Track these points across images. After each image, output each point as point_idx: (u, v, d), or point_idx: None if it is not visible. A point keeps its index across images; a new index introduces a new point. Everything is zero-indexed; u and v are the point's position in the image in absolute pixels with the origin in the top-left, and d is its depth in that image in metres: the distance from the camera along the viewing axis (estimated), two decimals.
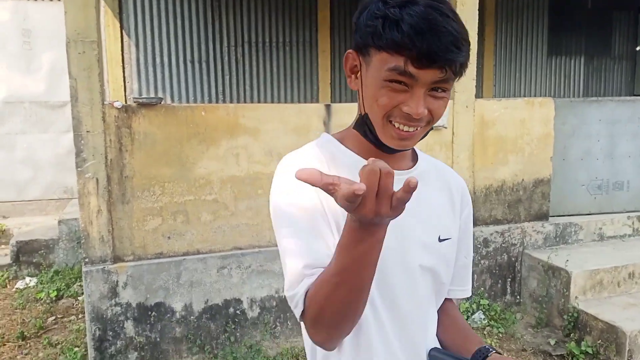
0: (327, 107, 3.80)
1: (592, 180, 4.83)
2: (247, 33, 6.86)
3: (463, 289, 1.27)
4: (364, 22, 1.01)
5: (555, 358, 3.75)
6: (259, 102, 6.94)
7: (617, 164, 4.86)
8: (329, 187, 0.77)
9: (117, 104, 3.30)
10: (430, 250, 1.13)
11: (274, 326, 3.74)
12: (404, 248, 1.10)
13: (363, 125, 1.08)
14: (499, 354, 1.11)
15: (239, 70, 6.91)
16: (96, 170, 3.27)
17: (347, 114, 3.82)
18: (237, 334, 3.66)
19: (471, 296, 3.93)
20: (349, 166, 1.08)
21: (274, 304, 3.74)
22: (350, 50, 1.07)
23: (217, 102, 6.79)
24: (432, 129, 1.09)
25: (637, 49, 8.27)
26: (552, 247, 4.52)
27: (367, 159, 0.85)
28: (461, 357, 1.13)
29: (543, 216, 4.56)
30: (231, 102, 6.85)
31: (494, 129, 4.28)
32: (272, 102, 6.98)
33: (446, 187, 1.22)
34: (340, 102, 7.05)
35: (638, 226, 4.83)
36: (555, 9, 7.81)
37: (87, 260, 3.33)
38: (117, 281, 3.38)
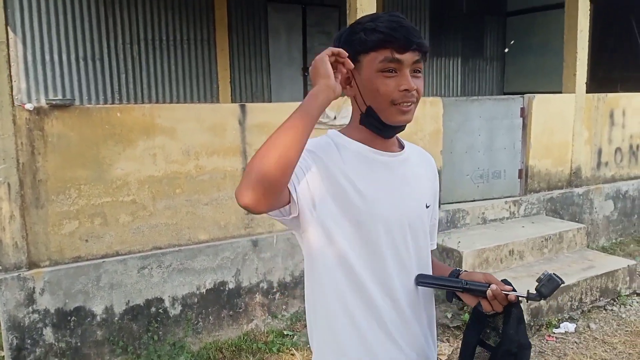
0: (242, 107, 3.94)
1: (475, 170, 5.41)
2: (143, 30, 6.76)
3: (433, 243, 1.61)
4: (346, 41, 1.35)
5: (453, 329, 4.21)
6: (157, 101, 6.86)
7: (495, 155, 5.48)
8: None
9: (29, 106, 3.21)
10: (420, 214, 1.46)
11: (196, 322, 3.83)
12: (401, 211, 1.41)
13: (369, 117, 1.37)
14: (467, 271, 1.47)
15: (135, 69, 6.79)
16: (7, 175, 3.16)
17: (262, 113, 3.99)
18: (160, 333, 3.70)
19: None
20: (354, 152, 1.38)
21: (196, 300, 3.82)
22: None
23: (113, 101, 6.63)
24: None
25: (506, 50, 9.23)
26: (445, 232, 5.02)
27: (369, 146, 1.38)
28: (440, 277, 1.48)
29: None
30: (127, 101, 6.71)
31: None
32: (171, 101, 6.94)
33: (424, 164, 1.56)
34: (240, 101, 7.17)
35: (514, 209, 5.49)
36: (435, 13, 8.51)
37: (0, 267, 3.21)
38: (34, 287, 3.29)
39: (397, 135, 1.51)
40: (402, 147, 1.51)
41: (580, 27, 5.64)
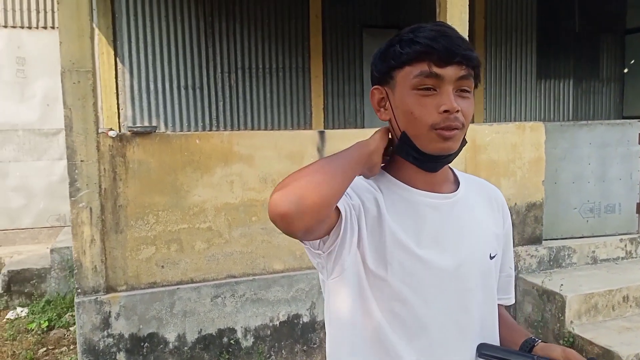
0: (321, 133, 3.82)
1: (584, 203, 4.86)
2: (241, 59, 6.93)
3: (509, 297, 1.36)
4: (381, 55, 1.16)
5: None
6: (252, 128, 6.97)
7: (608, 186, 4.90)
8: None
9: (112, 133, 3.31)
10: (484, 269, 1.21)
11: (268, 355, 3.71)
12: (457, 266, 1.16)
13: (403, 145, 1.16)
14: (545, 343, 1.18)
15: (232, 96, 6.96)
16: (90, 200, 3.27)
17: (340, 140, 3.84)
18: None
19: None
20: (397, 194, 1.18)
21: (269, 332, 3.71)
22: (373, 87, 1.20)
23: (211, 128, 6.82)
24: (465, 142, 1.17)
25: (625, 71, 8.40)
26: (546, 271, 4.53)
27: (416, 187, 1.17)
28: (508, 349, 1.20)
29: (536, 240, 4.58)
30: (225, 128, 6.88)
31: (486, 153, 4.32)
32: (266, 127, 7.02)
33: (488, 202, 1.29)
34: (333, 127, 7.10)
35: (630, 249, 4.85)
36: (543, 32, 7.96)
37: (79, 290, 3.30)
38: (110, 312, 3.34)
39: (450, 167, 1.27)
40: (457, 182, 1.26)
41: None
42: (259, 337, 3.69)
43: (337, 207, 1.05)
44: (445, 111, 1.08)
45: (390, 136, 1.19)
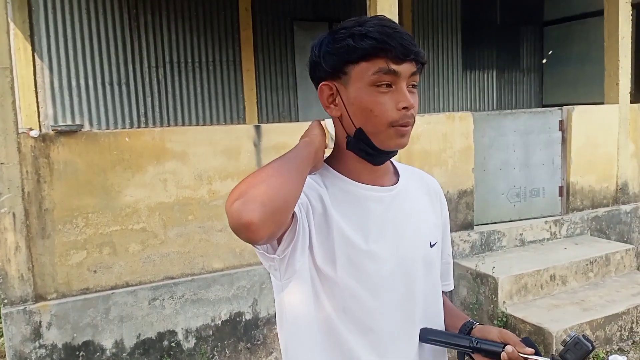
0: (257, 127, 3.77)
1: (511, 188, 5.07)
2: (169, 53, 6.72)
3: (448, 283, 1.39)
4: (329, 50, 1.12)
5: None
6: (183, 124, 6.79)
7: (533, 172, 5.14)
8: None
9: (34, 133, 3.12)
10: (426, 258, 1.23)
11: (211, 355, 3.63)
12: (401, 255, 1.18)
13: (358, 142, 1.15)
14: (482, 325, 1.23)
15: (161, 92, 6.74)
16: (12, 204, 3.07)
17: (277, 134, 3.81)
18: None
19: None
20: (341, 189, 1.17)
21: (211, 332, 3.63)
22: (322, 83, 1.16)
23: (139, 125, 6.59)
24: None
25: (544, 61, 8.84)
26: (479, 255, 4.70)
27: (359, 180, 1.17)
28: (449, 332, 1.25)
29: (468, 225, 4.74)
30: (154, 124, 6.66)
31: (419, 143, 4.42)
32: (198, 123, 6.86)
33: (426, 192, 1.31)
34: (267, 121, 7.04)
35: (555, 230, 5.12)
36: (467, 25, 8.23)
37: (6, 301, 3.10)
38: (41, 321, 3.16)
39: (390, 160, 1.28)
40: (397, 174, 1.27)
41: (622, 34, 5.26)
42: (200, 338, 3.61)
43: None
44: (404, 108, 1.09)
45: (329, 130, 1.19)
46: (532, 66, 8.86)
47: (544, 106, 8.47)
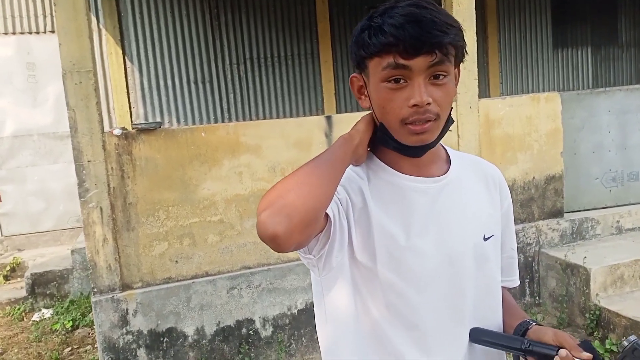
0: (328, 118, 3.76)
1: (606, 172, 4.72)
2: (249, 50, 6.88)
3: (511, 279, 1.31)
4: (355, 41, 1.08)
5: None
6: (264, 118, 6.93)
7: (631, 154, 4.74)
8: None
9: (116, 132, 3.30)
10: (477, 252, 1.15)
11: (288, 344, 3.69)
12: (451, 256, 1.12)
13: (383, 136, 1.11)
14: (540, 325, 1.14)
15: (242, 88, 6.92)
16: (99, 199, 3.27)
17: (349, 124, 3.73)
18: (252, 355, 3.61)
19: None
20: (383, 180, 1.14)
21: (287, 321, 3.69)
22: (352, 75, 1.14)
23: (223, 120, 6.81)
24: (451, 122, 1.11)
25: None
26: (569, 244, 4.41)
27: (403, 172, 1.12)
28: (500, 333, 1.18)
29: (557, 213, 4.46)
30: (237, 119, 6.85)
31: (500, 128, 4.21)
32: (278, 117, 6.98)
33: (484, 182, 1.23)
34: (346, 112, 7.02)
35: None
36: (558, 0, 7.72)
37: (95, 290, 3.33)
38: (127, 309, 3.36)
39: (443, 145, 1.21)
40: (449, 162, 1.20)
41: None
42: (277, 327, 3.67)
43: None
44: (415, 105, 1.02)
45: (375, 122, 1.15)
46: (631, 40, 8.16)
47: None
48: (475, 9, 3.91)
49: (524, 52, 7.77)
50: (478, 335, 1.13)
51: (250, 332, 3.61)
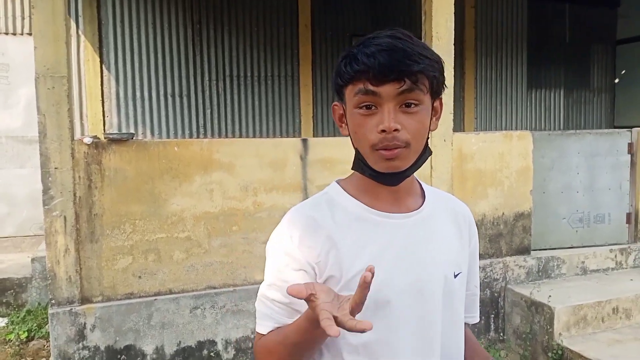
0: (304, 141, 3.75)
1: (573, 213, 4.80)
2: (229, 67, 6.87)
3: (473, 316, 1.32)
4: (334, 71, 1.12)
5: None
6: (240, 136, 6.90)
7: (598, 196, 4.84)
8: (310, 298, 0.89)
9: (87, 140, 3.23)
10: (447, 289, 1.15)
11: None
12: (422, 291, 1.11)
13: (358, 162, 1.12)
14: None
15: (220, 104, 6.89)
16: (64, 208, 3.18)
17: (324, 148, 3.77)
18: None
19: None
20: (348, 211, 1.13)
21: (250, 345, 3.61)
22: (334, 103, 1.17)
23: (198, 136, 6.75)
24: (429, 153, 1.13)
25: (616, 81, 8.39)
26: (535, 282, 4.45)
27: (364, 202, 1.12)
28: None
29: (525, 250, 4.51)
30: (212, 136, 6.80)
31: (473, 162, 4.26)
32: (254, 136, 6.95)
33: (454, 219, 1.24)
34: (323, 135, 7.04)
35: (621, 259, 4.79)
36: (534, 42, 7.95)
37: (53, 301, 3.21)
38: (85, 323, 3.24)
39: (417, 179, 1.21)
40: (423, 196, 1.20)
41: None
42: (240, 350, 3.59)
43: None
44: (383, 131, 1.03)
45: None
46: (603, 86, 8.43)
47: (615, 128, 8.02)
48: (454, 44, 3.98)
49: (499, 89, 7.95)
50: None
51: (212, 354, 3.52)
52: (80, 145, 3.22)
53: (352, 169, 1.16)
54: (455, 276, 1.17)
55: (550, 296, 4.05)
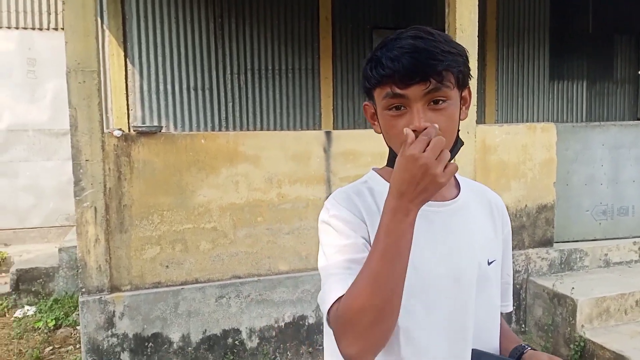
0: (327, 133, 3.79)
1: (597, 205, 4.77)
2: (250, 60, 6.92)
3: (506, 304, 1.34)
4: (362, 73, 1.16)
5: None
6: (261, 129, 6.95)
7: (622, 189, 4.80)
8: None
9: (117, 133, 3.30)
10: (481, 275, 1.18)
11: (273, 357, 3.67)
12: (458, 277, 1.15)
13: (392, 159, 1.14)
14: (534, 350, 1.20)
15: (242, 98, 6.94)
16: (94, 199, 3.26)
17: (347, 140, 3.81)
18: None
19: None
20: (384, 195, 1.12)
21: (273, 334, 3.67)
22: (365, 103, 1.22)
23: (220, 129, 6.82)
24: (460, 144, 1.16)
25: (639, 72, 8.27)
26: (557, 274, 4.45)
27: None
28: (499, 356, 1.22)
29: (547, 242, 4.50)
30: (234, 129, 6.87)
31: (496, 154, 4.26)
32: (275, 128, 7.00)
33: (488, 208, 1.28)
34: (343, 128, 7.06)
35: None
36: (556, 33, 7.86)
37: (83, 290, 3.30)
38: (114, 311, 3.33)
39: None
40: (458, 187, 1.24)
41: None
42: (264, 338, 3.66)
43: None
44: (414, 130, 1.04)
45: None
46: (626, 77, 8.31)
47: (638, 119, 7.91)
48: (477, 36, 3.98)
49: (520, 81, 7.88)
50: (478, 357, 1.15)
51: (236, 342, 3.59)
52: (110, 138, 3.30)
53: (386, 165, 1.20)
54: (490, 263, 1.20)
55: (573, 288, 4.05)
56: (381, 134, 1.19)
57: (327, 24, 6.95)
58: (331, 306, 1.03)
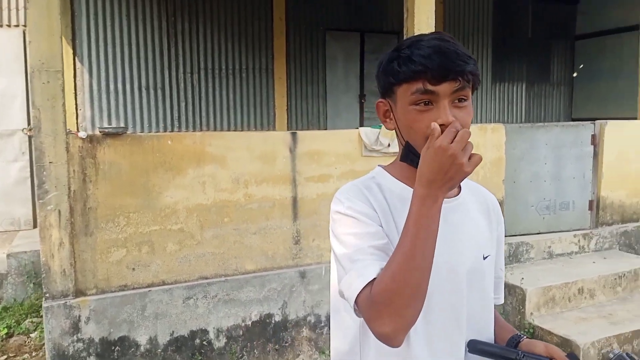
0: (293, 134, 3.86)
1: (541, 201, 5.07)
2: (204, 59, 6.88)
3: (498, 297, 1.43)
4: (383, 70, 1.22)
5: None
6: (215, 128, 6.93)
7: (563, 185, 5.13)
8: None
9: (82, 134, 3.25)
10: (476, 269, 1.28)
11: (240, 355, 3.71)
12: (453, 265, 1.23)
13: (408, 154, 1.22)
14: (530, 339, 1.29)
15: (195, 97, 6.90)
16: (58, 202, 3.20)
17: (312, 141, 3.89)
18: None
19: None
20: (399, 195, 1.24)
21: (241, 333, 3.71)
22: (378, 100, 1.26)
23: (172, 129, 6.74)
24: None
25: (574, 75, 8.79)
26: (507, 266, 4.70)
27: (412, 187, 1.10)
28: (496, 345, 1.29)
29: None
30: (187, 129, 6.81)
31: None
32: (229, 128, 6.99)
33: (484, 206, 1.37)
34: (297, 128, 7.14)
35: (584, 243, 5.10)
36: (498, 37, 8.24)
37: (47, 295, 3.23)
38: (80, 316, 3.28)
39: None
40: (459, 186, 1.33)
41: None
42: (231, 338, 3.69)
43: None
44: (441, 125, 1.11)
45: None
46: (562, 80, 8.83)
47: (572, 120, 8.42)
48: None
49: None
50: (475, 346, 1.24)
51: (204, 342, 3.61)
52: (75, 140, 3.25)
53: (400, 160, 1.26)
54: (485, 258, 1.30)
55: (522, 279, 4.30)
56: (393, 130, 1.25)
57: (281, 24, 7.01)
58: (361, 290, 1.08)
